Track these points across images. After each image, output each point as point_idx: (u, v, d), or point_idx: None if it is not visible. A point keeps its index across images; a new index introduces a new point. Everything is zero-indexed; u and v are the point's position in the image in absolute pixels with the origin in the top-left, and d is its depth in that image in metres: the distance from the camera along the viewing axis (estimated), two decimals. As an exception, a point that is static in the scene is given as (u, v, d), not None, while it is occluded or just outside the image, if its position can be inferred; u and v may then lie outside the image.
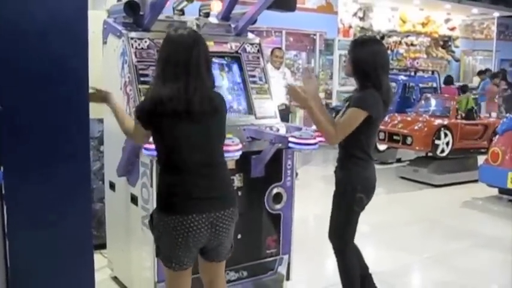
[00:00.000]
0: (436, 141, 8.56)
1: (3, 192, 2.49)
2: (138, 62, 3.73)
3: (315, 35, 11.63)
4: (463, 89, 12.11)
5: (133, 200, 3.83)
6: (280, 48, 8.91)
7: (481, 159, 8.36)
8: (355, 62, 3.51)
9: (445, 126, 8.69)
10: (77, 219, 2.74)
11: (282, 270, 4.15)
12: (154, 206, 3.35)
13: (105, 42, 4.14)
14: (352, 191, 3.52)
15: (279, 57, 8.41)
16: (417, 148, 8.77)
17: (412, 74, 12.01)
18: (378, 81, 3.42)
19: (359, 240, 3.78)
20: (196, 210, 2.71)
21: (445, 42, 18.07)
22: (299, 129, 3.90)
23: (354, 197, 3.51)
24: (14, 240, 2.54)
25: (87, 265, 2.85)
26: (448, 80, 13.25)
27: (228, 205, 2.82)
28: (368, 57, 3.46)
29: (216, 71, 3.89)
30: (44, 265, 2.64)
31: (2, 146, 2.46)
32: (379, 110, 3.44)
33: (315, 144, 3.57)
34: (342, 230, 3.63)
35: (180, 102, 2.69)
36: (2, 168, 2.48)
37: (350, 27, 14.40)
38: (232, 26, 4.27)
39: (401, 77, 11.53)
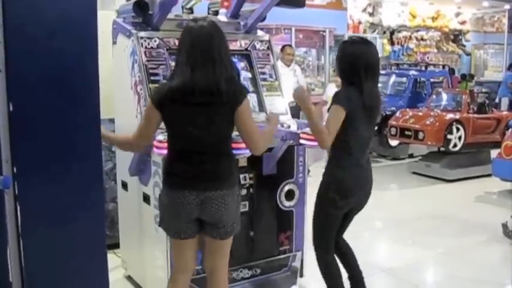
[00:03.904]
0: (448, 136, 8.51)
1: (17, 192, 2.51)
2: (148, 61, 3.74)
3: (324, 31, 11.57)
4: (462, 77, 14.58)
5: (146, 199, 3.83)
6: (291, 46, 8.90)
7: (494, 153, 8.30)
8: (338, 61, 3.51)
9: (457, 121, 8.63)
10: (90, 219, 2.75)
11: (295, 267, 4.14)
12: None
13: (114, 42, 4.15)
14: (325, 190, 3.46)
15: (291, 55, 8.40)
16: (429, 143, 8.73)
17: (423, 68, 11.97)
18: (359, 82, 3.34)
19: (373, 236, 3.77)
20: (188, 188, 2.95)
21: (456, 36, 17.99)
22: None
23: (326, 197, 3.45)
24: (27, 240, 2.55)
25: (101, 265, 2.86)
26: (451, 71, 13.94)
27: (219, 187, 2.97)
28: (350, 57, 3.41)
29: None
30: (58, 265, 2.66)
31: (14, 146, 2.47)
32: (353, 107, 3.32)
33: (326, 140, 3.55)
34: (317, 228, 3.58)
35: (186, 90, 2.84)
36: (14, 169, 2.49)
37: (360, 23, 14.37)
38: (242, 23, 4.26)
39: (412, 72, 11.48)
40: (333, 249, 3.62)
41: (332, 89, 7.98)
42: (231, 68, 2.99)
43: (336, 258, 3.69)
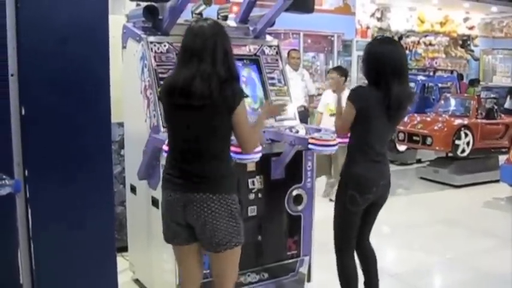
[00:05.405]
0: (457, 141, 8.49)
1: (28, 195, 2.53)
2: (157, 65, 3.76)
3: (332, 36, 11.59)
4: (471, 83, 14.79)
5: (154, 203, 3.84)
6: (296, 50, 8.91)
7: (502, 158, 8.27)
8: (363, 63, 3.50)
9: (466, 126, 8.61)
10: (100, 222, 2.78)
11: (303, 271, 4.14)
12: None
13: (124, 47, 4.17)
14: (344, 187, 3.50)
15: (296, 58, 8.41)
16: (437, 148, 8.72)
17: (431, 74, 11.94)
18: (385, 84, 3.31)
19: (381, 241, 3.77)
20: (171, 188, 2.90)
21: (464, 42, 17.91)
22: (318, 130, 3.91)
23: (345, 194, 3.48)
24: (38, 243, 2.58)
25: (110, 267, 2.88)
26: (460, 77, 13.87)
27: (203, 189, 2.82)
28: (375, 58, 3.39)
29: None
30: (68, 268, 2.68)
31: (25, 150, 2.50)
32: (366, 105, 3.34)
33: (334, 145, 3.56)
34: (337, 228, 3.60)
35: (179, 90, 2.77)
36: (26, 172, 2.52)
37: (368, 28, 14.34)
38: (251, 28, 4.28)
39: (420, 77, 11.47)
40: (353, 250, 3.63)
41: (328, 95, 7.41)
42: (230, 70, 2.84)
43: (357, 260, 3.71)
